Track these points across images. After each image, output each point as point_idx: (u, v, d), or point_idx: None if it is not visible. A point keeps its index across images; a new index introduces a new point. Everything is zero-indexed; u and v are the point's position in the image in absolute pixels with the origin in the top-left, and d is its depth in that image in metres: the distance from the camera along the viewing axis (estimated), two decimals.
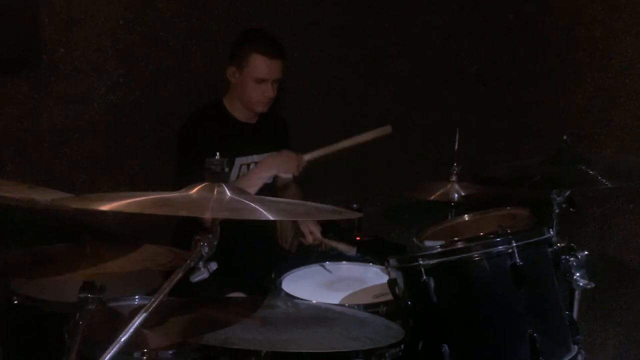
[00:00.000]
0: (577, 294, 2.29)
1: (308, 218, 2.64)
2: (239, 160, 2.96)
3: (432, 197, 3.03)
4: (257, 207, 1.62)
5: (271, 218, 1.62)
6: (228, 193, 1.66)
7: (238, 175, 2.95)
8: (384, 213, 3.72)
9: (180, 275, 1.60)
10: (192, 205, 1.63)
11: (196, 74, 3.28)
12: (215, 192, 1.66)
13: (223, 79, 2.96)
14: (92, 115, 3.05)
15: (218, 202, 1.63)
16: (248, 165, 2.98)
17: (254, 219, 1.58)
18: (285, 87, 3.13)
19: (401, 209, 3.68)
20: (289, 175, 2.89)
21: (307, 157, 2.92)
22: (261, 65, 2.87)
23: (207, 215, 1.63)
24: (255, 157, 3.01)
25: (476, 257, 2.04)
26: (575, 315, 2.29)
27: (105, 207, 1.60)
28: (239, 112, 2.97)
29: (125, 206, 1.59)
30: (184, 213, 1.59)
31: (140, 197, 1.63)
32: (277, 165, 2.87)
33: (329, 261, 2.74)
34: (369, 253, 2.87)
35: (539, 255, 2.12)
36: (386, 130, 3.05)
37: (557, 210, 2.39)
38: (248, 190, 2.62)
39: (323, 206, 2.51)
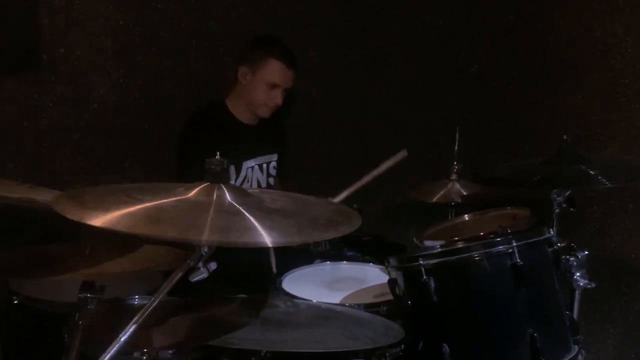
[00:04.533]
0: (577, 294, 2.29)
1: (308, 240, 2.63)
2: (246, 164, 2.97)
3: (433, 198, 3.04)
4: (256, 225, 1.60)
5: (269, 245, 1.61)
6: (227, 195, 1.66)
7: (245, 179, 2.97)
8: (384, 213, 3.72)
9: (180, 275, 1.60)
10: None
11: (196, 74, 3.27)
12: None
13: (223, 79, 2.97)
14: (92, 115, 3.05)
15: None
16: (252, 168, 3.00)
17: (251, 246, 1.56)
18: None
19: (401, 209, 3.67)
20: None
21: (337, 200, 2.90)
22: (277, 71, 2.91)
23: (204, 238, 1.62)
24: (259, 160, 3.03)
25: (476, 257, 2.05)
26: (575, 315, 2.29)
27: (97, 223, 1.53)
28: (242, 114, 2.98)
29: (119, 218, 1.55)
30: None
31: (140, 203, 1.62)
32: None
33: (329, 261, 2.74)
34: (369, 253, 2.87)
35: (539, 255, 2.12)
36: (403, 154, 3.11)
37: (557, 210, 2.40)
38: None
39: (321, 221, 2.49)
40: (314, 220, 1.68)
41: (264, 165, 3.05)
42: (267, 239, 1.47)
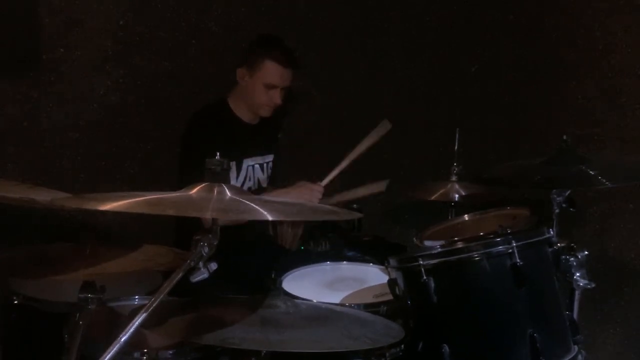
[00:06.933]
0: (577, 294, 2.29)
1: (307, 218, 2.64)
2: (246, 162, 2.98)
3: (432, 197, 3.04)
4: (256, 207, 1.62)
5: (270, 218, 1.63)
6: (228, 193, 1.67)
7: (246, 177, 2.98)
8: (384, 213, 3.72)
9: (180, 275, 1.60)
10: (193, 205, 1.64)
11: (196, 74, 3.27)
12: (215, 192, 1.66)
13: (223, 80, 2.96)
14: (92, 116, 3.05)
15: (218, 202, 1.63)
16: (253, 167, 3.01)
17: (253, 219, 1.59)
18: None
19: (401, 209, 3.67)
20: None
21: (324, 182, 2.90)
22: (273, 73, 2.90)
23: (208, 216, 1.63)
24: (259, 159, 3.05)
25: (476, 257, 2.04)
26: (575, 315, 2.29)
27: (105, 207, 1.60)
28: (243, 113, 3.00)
29: (125, 206, 1.59)
30: (186, 213, 1.59)
31: (140, 197, 1.63)
32: (294, 199, 2.86)
33: (329, 261, 2.74)
34: (369, 253, 2.87)
35: (539, 255, 2.12)
36: (385, 125, 3.01)
37: (557, 210, 2.40)
38: None
39: (322, 206, 2.51)
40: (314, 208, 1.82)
41: (264, 165, 3.07)
42: (266, 214, 1.59)
